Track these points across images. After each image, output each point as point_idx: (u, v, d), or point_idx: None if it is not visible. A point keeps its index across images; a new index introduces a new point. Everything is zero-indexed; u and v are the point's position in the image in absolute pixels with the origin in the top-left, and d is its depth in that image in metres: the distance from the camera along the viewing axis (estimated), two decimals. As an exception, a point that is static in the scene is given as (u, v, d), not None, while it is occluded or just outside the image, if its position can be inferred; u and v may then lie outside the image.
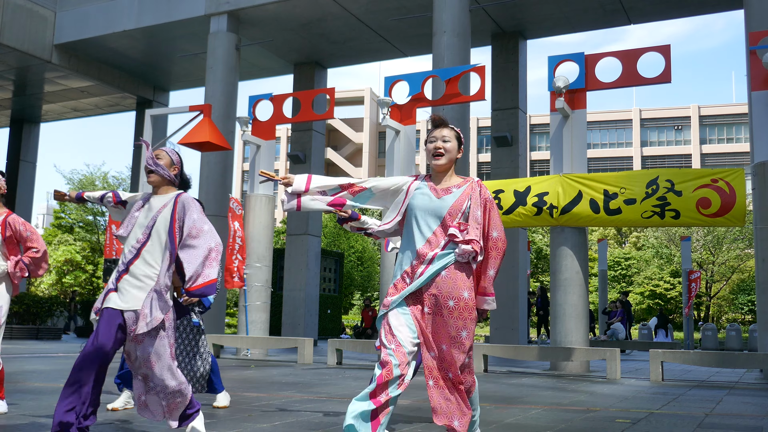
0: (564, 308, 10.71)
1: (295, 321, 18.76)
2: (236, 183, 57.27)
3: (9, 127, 26.05)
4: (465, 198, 3.33)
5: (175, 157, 4.10)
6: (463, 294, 3.23)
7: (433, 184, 3.40)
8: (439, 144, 3.40)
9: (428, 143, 3.44)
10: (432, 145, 3.41)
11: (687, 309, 21.21)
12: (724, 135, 55.75)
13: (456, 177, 3.45)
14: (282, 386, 7.72)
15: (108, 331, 3.69)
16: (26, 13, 19.08)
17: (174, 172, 4.07)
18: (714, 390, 8.36)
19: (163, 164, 4.03)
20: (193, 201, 3.98)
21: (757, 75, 10.01)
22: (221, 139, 13.14)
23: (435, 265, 3.24)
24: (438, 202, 3.32)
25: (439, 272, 3.24)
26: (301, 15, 17.31)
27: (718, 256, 37.79)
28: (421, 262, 3.27)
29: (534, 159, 55.25)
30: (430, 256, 3.26)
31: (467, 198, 3.33)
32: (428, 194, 3.36)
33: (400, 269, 3.33)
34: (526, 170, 18.38)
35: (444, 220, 3.30)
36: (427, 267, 3.25)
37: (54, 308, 20.48)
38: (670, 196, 10.05)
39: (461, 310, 3.21)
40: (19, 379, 7.74)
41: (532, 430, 4.93)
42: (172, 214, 3.90)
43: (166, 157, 4.06)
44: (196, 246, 3.81)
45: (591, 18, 17.15)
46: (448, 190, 3.35)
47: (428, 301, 3.25)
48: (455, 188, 3.36)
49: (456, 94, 11.98)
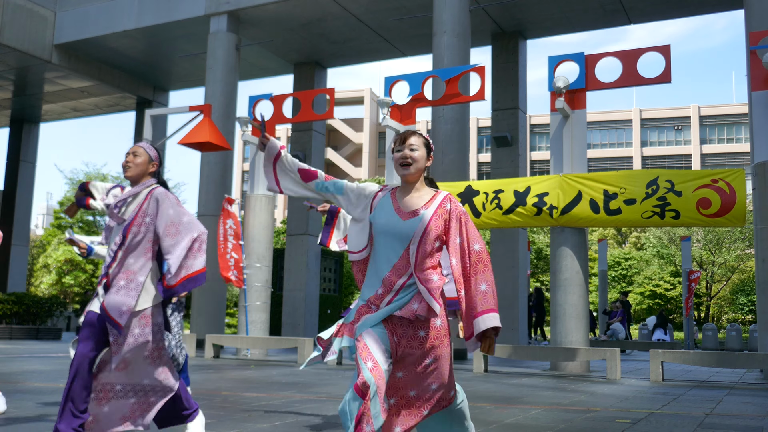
0: (564, 308, 10.71)
1: (295, 321, 18.76)
2: (236, 183, 57.23)
3: (9, 127, 26.05)
4: (436, 219, 3.05)
5: (153, 154, 3.97)
6: (436, 322, 3.01)
7: (399, 201, 3.11)
8: (406, 152, 3.10)
9: (395, 152, 3.15)
10: (398, 154, 3.12)
11: (687, 309, 21.20)
12: (724, 135, 55.76)
13: (425, 190, 3.15)
14: (282, 386, 7.72)
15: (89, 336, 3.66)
16: (26, 13, 19.08)
17: (152, 170, 3.95)
18: (714, 390, 8.36)
19: (142, 161, 3.91)
20: (166, 194, 3.84)
21: (757, 75, 10.00)
22: (221, 139, 13.14)
23: (402, 296, 3.00)
24: (404, 224, 3.03)
25: (407, 301, 3.00)
26: (301, 15, 17.31)
27: (719, 256, 37.79)
28: (387, 290, 3.02)
29: (534, 159, 55.25)
30: (398, 285, 3.01)
31: (438, 218, 3.05)
32: (393, 214, 3.08)
33: (367, 293, 3.08)
34: (526, 170, 18.39)
35: (410, 244, 3.02)
36: (394, 296, 3.01)
37: (54, 308, 20.48)
38: (670, 196, 10.05)
39: (433, 338, 2.99)
40: (19, 379, 7.74)
41: (532, 430, 4.93)
42: (137, 209, 3.81)
43: (144, 153, 3.94)
44: (178, 241, 3.72)
45: (591, 18, 17.16)
46: (415, 212, 3.05)
47: (397, 331, 3.00)
48: (423, 209, 3.06)
49: (456, 94, 11.98)
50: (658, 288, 38.10)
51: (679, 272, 35.60)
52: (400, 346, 2.99)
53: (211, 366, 10.60)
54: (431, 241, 3.03)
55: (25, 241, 24.99)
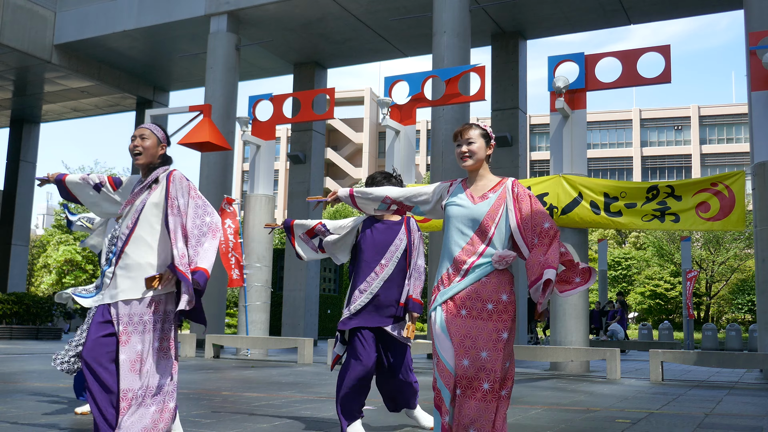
0: (564, 308, 10.72)
1: (295, 321, 18.76)
2: (236, 183, 57.24)
3: (9, 127, 26.04)
4: (501, 203, 3.30)
5: (161, 134, 3.79)
6: (502, 297, 3.21)
7: (469, 188, 3.40)
8: (464, 148, 3.41)
9: (456, 147, 3.46)
10: (458, 150, 3.44)
11: (688, 309, 21.20)
12: (724, 135, 55.76)
13: (491, 178, 3.42)
14: (282, 386, 7.72)
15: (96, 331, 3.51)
16: (26, 13, 19.08)
17: (162, 151, 3.77)
18: (714, 390, 8.36)
19: (151, 143, 3.73)
20: (186, 181, 3.71)
21: (757, 75, 10.01)
22: (221, 139, 13.14)
23: (472, 275, 3.24)
24: (474, 208, 3.31)
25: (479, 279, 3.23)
26: (301, 15, 17.31)
27: (718, 256, 37.79)
28: (457, 270, 3.26)
29: (534, 159, 55.24)
30: (467, 265, 3.25)
31: (503, 202, 3.31)
32: (464, 200, 3.35)
33: (438, 275, 3.34)
34: (526, 170, 18.39)
35: (480, 226, 3.27)
36: (463, 277, 3.25)
37: (55, 308, 20.47)
38: (670, 200, 10.12)
39: (500, 312, 3.19)
40: (19, 379, 7.74)
41: (532, 430, 4.93)
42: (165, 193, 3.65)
43: (151, 135, 3.76)
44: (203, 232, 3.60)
45: (591, 18, 17.15)
46: (484, 195, 3.33)
47: (466, 304, 3.22)
48: (491, 193, 3.34)
49: (456, 94, 11.98)
50: (658, 288, 38.11)
51: (680, 272, 35.62)
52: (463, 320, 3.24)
53: (211, 366, 10.61)
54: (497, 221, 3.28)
55: (25, 241, 24.98)
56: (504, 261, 3.23)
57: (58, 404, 5.72)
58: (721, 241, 37.31)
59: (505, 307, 3.20)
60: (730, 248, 37.30)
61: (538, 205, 3.31)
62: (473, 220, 3.29)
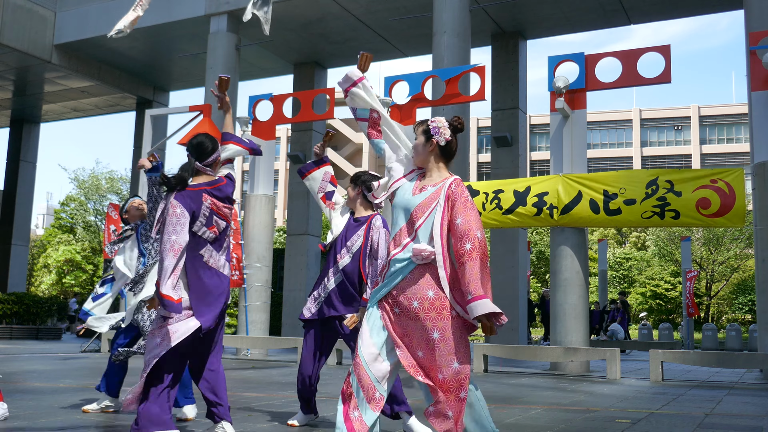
0: (564, 308, 10.71)
1: (295, 321, 18.74)
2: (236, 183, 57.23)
3: (9, 127, 26.05)
4: (434, 198, 3.23)
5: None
6: (428, 294, 3.11)
7: (418, 180, 3.39)
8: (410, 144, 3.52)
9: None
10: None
11: (689, 310, 21.18)
12: (724, 135, 55.75)
13: (441, 174, 3.35)
14: (282, 386, 7.72)
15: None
16: (26, 13, 19.07)
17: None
18: (714, 390, 8.36)
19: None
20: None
21: (757, 75, 10.00)
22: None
23: (392, 268, 3.22)
24: (411, 199, 3.29)
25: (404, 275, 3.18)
26: (301, 15, 17.31)
27: (719, 255, 37.78)
28: (390, 260, 3.28)
29: (534, 159, 55.24)
30: (392, 254, 3.25)
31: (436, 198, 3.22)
32: (407, 190, 3.35)
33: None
34: (526, 170, 18.38)
35: (410, 218, 3.24)
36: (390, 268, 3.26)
37: (54, 308, 20.48)
38: (670, 196, 10.06)
39: (428, 310, 3.08)
40: (19, 379, 7.74)
41: (532, 430, 4.93)
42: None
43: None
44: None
45: (591, 18, 17.15)
46: (423, 188, 3.31)
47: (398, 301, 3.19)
48: (431, 187, 3.29)
49: (456, 94, 11.97)
50: (659, 288, 38.10)
51: (680, 272, 35.61)
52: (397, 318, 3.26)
53: (211, 366, 10.58)
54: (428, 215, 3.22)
55: (25, 241, 24.99)
56: (420, 256, 3.13)
57: (58, 404, 5.72)
58: (722, 241, 37.28)
59: (431, 304, 3.09)
60: (731, 248, 37.28)
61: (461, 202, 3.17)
62: (406, 210, 3.27)
